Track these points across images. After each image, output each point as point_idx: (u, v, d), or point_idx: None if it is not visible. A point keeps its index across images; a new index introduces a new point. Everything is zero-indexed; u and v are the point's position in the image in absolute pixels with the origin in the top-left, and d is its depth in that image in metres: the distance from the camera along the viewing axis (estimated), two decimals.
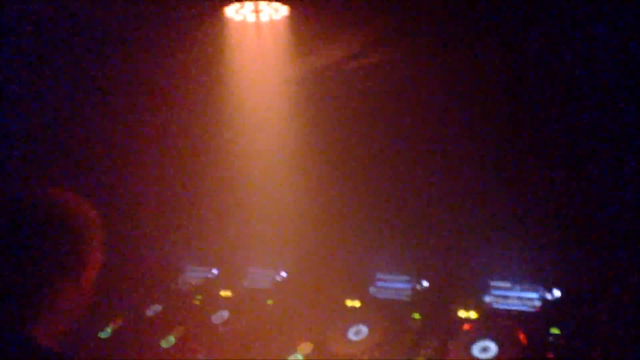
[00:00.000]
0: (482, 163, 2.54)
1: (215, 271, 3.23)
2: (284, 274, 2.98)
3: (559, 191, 2.35)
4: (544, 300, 2.12)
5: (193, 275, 3.28)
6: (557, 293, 2.12)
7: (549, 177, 2.38)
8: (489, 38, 2.48)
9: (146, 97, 3.38)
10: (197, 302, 3.03)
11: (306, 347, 2.42)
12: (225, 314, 2.83)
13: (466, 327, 2.14)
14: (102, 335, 3.01)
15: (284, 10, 2.59)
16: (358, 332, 2.35)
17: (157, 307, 3.08)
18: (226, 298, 2.97)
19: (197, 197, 3.48)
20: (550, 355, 1.90)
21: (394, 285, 2.54)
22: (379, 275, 2.60)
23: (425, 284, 2.45)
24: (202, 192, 3.45)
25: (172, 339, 2.78)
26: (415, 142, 2.70)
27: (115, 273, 3.29)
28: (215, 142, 3.31)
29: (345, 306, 2.55)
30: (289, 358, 2.39)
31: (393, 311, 2.40)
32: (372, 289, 2.58)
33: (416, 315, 2.32)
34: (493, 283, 2.26)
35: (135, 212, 3.63)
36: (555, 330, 1.97)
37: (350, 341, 2.33)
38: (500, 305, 2.19)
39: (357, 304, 2.55)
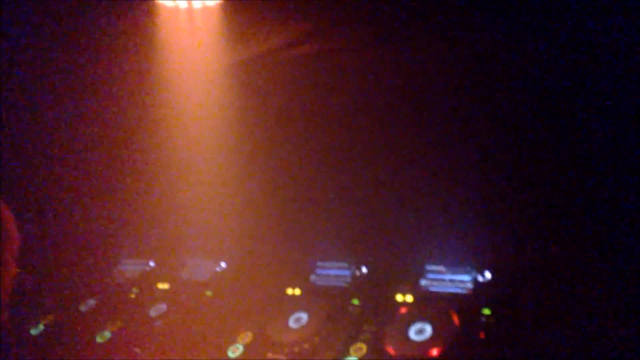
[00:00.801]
0: (415, 151, 2.59)
1: (151, 263, 3.16)
2: (223, 264, 2.95)
3: (489, 176, 2.44)
4: (476, 282, 2.20)
5: (129, 268, 3.20)
6: (488, 275, 2.20)
7: (480, 162, 2.47)
8: (430, 28, 2.53)
9: (74, 86, 3.25)
10: (133, 296, 2.96)
11: (246, 337, 2.42)
12: (162, 307, 2.78)
13: (403, 310, 2.20)
14: (34, 331, 2.90)
15: None
16: (298, 320, 2.37)
17: (92, 302, 2.99)
18: (163, 291, 2.91)
19: (132, 188, 3.39)
20: (482, 335, 1.98)
21: (333, 272, 2.57)
22: (319, 263, 2.62)
23: (364, 270, 2.49)
24: (137, 183, 3.36)
25: (107, 334, 2.71)
26: (351, 130, 2.73)
27: (47, 267, 3.19)
28: (149, 132, 3.23)
29: (286, 294, 2.56)
30: (229, 348, 2.38)
31: (333, 298, 2.43)
32: (312, 277, 2.60)
33: (355, 301, 2.35)
34: (428, 267, 2.33)
35: (68, 205, 3.50)
36: (486, 311, 2.05)
37: (290, 329, 2.35)
38: (435, 288, 2.26)
39: (297, 292, 2.56)
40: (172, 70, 2.82)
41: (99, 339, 2.69)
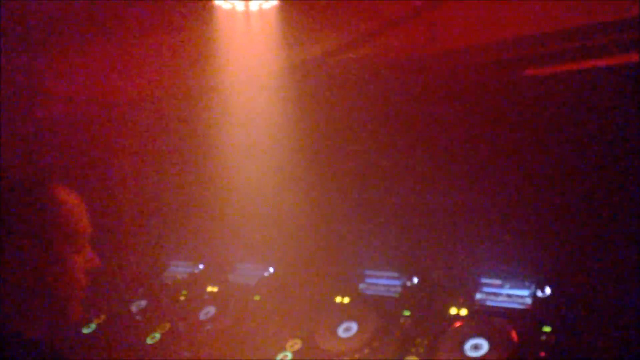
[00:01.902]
0: (472, 159, 2.52)
1: (200, 266, 3.18)
2: (271, 269, 2.94)
3: (550, 187, 2.34)
4: (535, 297, 2.11)
5: (178, 270, 3.24)
6: (548, 291, 2.11)
7: (540, 172, 2.37)
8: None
9: (131, 88, 3.31)
10: (183, 298, 2.98)
11: (295, 344, 2.39)
12: (211, 310, 2.79)
13: (457, 324, 2.13)
14: (86, 330, 2.96)
15: None
16: (348, 329, 2.33)
17: (142, 303, 3.03)
18: (212, 294, 2.93)
19: (183, 191, 3.42)
20: (543, 354, 1.89)
21: (383, 281, 2.52)
22: (369, 272, 2.57)
23: (415, 280, 2.43)
24: (187, 186, 3.40)
25: (157, 335, 2.74)
26: (406, 137, 2.67)
27: (99, 267, 3.25)
28: (201, 135, 3.26)
29: (335, 303, 2.53)
30: (278, 355, 2.36)
31: (383, 308, 2.37)
32: (361, 286, 2.55)
33: (406, 312, 2.29)
34: (484, 280, 2.25)
35: (120, 206, 3.57)
36: (547, 329, 1.96)
37: (340, 338, 2.31)
38: (492, 302, 2.18)
39: (346, 300, 2.52)
40: (229, 72, 2.82)
41: (149, 341, 2.72)
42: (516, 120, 2.46)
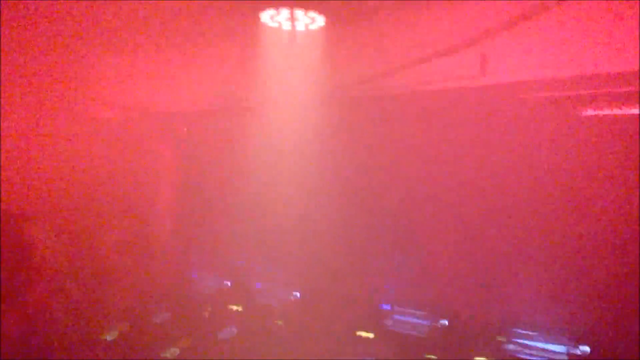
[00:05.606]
0: (514, 198, 2.38)
1: (227, 283, 3.14)
2: (297, 294, 2.87)
3: (594, 245, 2.17)
4: (570, 355, 1.95)
5: (205, 283, 3.20)
6: (585, 349, 1.95)
7: (583, 222, 2.21)
8: None
9: (177, 100, 3.33)
10: (206, 314, 2.94)
11: None
12: (233, 330, 2.73)
13: None
14: (109, 337, 2.95)
15: (320, 20, 2.50)
16: None
17: (166, 315, 3.00)
18: (236, 312, 2.87)
19: (216, 206, 3.39)
20: None
21: (411, 319, 2.40)
22: (397, 308, 2.46)
23: (444, 322, 2.31)
24: (221, 202, 3.36)
25: (176, 350, 2.69)
26: (441, 171, 2.55)
27: (126, 275, 3.24)
28: (234, 152, 3.23)
29: (358, 336, 2.43)
30: None
31: (407, 347, 2.26)
32: (387, 321, 2.45)
33: (431, 356, 2.17)
34: (517, 330, 2.11)
35: (152, 219, 3.57)
36: None
37: None
38: (523, 355, 2.03)
39: (370, 335, 2.42)
40: (271, 90, 2.78)
41: (167, 354, 2.68)
42: (567, 161, 2.32)
